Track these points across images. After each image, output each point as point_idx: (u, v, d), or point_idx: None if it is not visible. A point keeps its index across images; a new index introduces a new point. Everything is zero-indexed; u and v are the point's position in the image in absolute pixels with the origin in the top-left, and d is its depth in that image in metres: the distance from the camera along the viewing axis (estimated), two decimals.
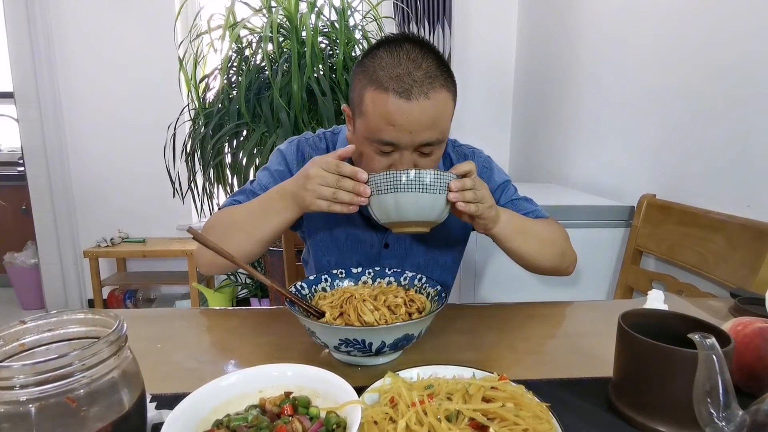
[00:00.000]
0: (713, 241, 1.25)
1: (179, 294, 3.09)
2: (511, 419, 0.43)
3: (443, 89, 0.73)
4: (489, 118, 2.90)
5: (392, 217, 0.70)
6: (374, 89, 0.71)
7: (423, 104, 0.70)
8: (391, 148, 0.73)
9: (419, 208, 0.68)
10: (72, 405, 0.35)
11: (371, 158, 0.76)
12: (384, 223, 0.73)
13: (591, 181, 1.99)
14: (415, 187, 0.67)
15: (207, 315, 0.86)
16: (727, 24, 1.29)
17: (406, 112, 0.70)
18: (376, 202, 0.70)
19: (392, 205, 0.68)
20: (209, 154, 1.98)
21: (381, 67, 0.71)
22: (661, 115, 1.55)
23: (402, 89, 0.69)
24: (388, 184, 0.67)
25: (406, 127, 0.71)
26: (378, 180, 0.68)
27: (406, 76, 0.70)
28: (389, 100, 0.70)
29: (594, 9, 1.99)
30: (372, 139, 0.74)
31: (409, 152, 0.74)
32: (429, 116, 0.71)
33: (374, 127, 0.72)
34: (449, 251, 0.98)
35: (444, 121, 0.75)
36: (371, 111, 0.72)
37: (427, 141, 0.73)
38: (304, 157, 0.91)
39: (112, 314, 0.41)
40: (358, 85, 0.75)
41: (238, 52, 2.08)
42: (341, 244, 0.93)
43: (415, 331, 0.61)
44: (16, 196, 2.98)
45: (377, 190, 0.68)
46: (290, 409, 0.44)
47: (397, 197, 0.67)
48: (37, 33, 2.58)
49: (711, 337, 0.42)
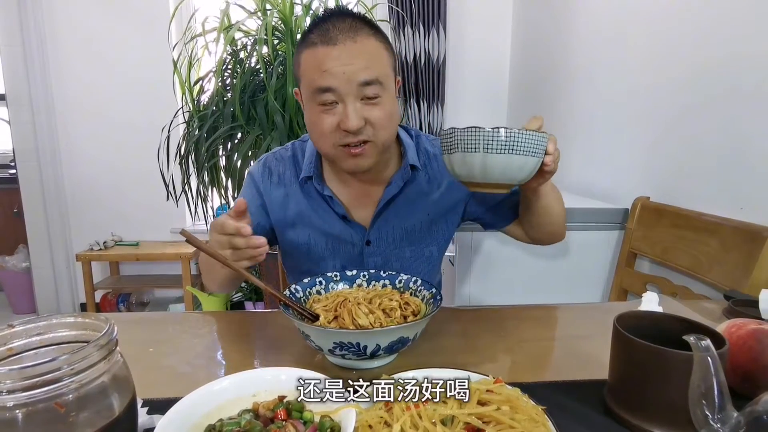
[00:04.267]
0: (707, 244, 1.26)
1: (173, 298, 3.07)
2: (506, 422, 0.42)
3: (371, 37, 0.75)
4: (484, 121, 2.90)
5: (476, 176, 0.63)
6: (306, 49, 0.75)
7: (350, 46, 0.72)
8: (331, 97, 0.73)
9: (509, 170, 0.61)
10: (60, 410, 0.34)
11: (318, 120, 0.76)
12: (462, 181, 0.66)
13: (585, 184, 2.00)
14: (508, 148, 0.59)
15: (200, 319, 0.85)
16: (719, 27, 1.30)
17: (334, 56, 0.72)
18: (459, 159, 0.62)
19: (479, 165, 0.61)
20: (203, 157, 1.97)
21: (311, 32, 0.75)
22: (655, 117, 1.56)
23: (327, 38, 0.72)
24: (477, 141, 0.59)
25: (338, 69, 0.72)
26: (465, 136, 0.60)
27: (332, 28, 0.73)
28: (318, 50, 0.73)
29: (588, 13, 2.00)
30: (313, 95, 0.75)
31: (353, 99, 0.73)
32: (359, 56, 0.72)
33: (311, 81, 0.74)
34: (434, 243, 0.95)
35: (379, 64, 0.75)
36: (305, 68, 0.75)
37: (365, 79, 0.72)
38: (271, 172, 0.92)
39: (102, 318, 0.41)
40: (296, 58, 0.78)
41: (232, 55, 2.07)
42: (321, 252, 0.91)
43: (410, 334, 0.60)
44: (8, 199, 2.95)
45: (464, 146, 0.61)
46: (284, 414, 0.44)
47: (486, 158, 0.60)
48: (29, 35, 2.56)
49: (706, 339, 0.42)
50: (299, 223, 0.91)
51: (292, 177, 0.91)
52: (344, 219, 0.89)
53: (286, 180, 0.91)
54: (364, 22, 0.75)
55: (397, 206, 0.90)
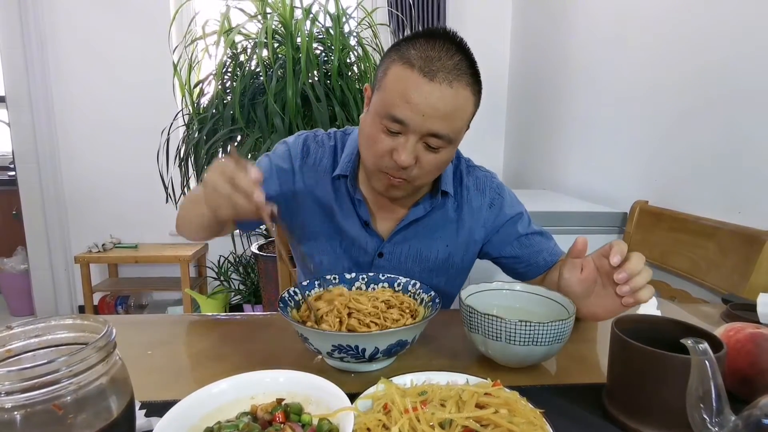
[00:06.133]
0: (705, 247, 1.26)
1: (171, 300, 3.07)
2: (504, 426, 0.42)
3: (468, 88, 0.71)
4: (483, 125, 2.91)
5: (497, 358, 0.64)
6: (401, 64, 0.70)
7: (444, 90, 0.68)
8: (399, 127, 0.71)
9: (531, 358, 0.61)
10: (59, 412, 0.34)
11: (376, 137, 0.74)
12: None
13: (584, 188, 2.00)
14: (531, 340, 0.58)
15: (198, 321, 0.85)
16: (718, 31, 1.31)
17: (424, 93, 0.68)
18: (480, 340, 0.63)
19: (500, 350, 0.61)
20: (203, 159, 1.97)
21: (414, 47, 0.70)
22: (654, 122, 1.57)
23: (428, 69, 0.68)
24: (499, 331, 0.59)
25: (420, 108, 0.68)
26: (487, 322, 0.60)
27: (436, 60, 0.68)
28: (412, 75, 0.68)
29: (587, 16, 2.01)
30: (383, 115, 0.71)
31: (416, 139, 0.72)
32: (446, 105, 0.69)
33: (389, 101, 0.70)
34: (443, 275, 0.94)
35: (459, 120, 0.72)
36: (391, 84, 0.71)
37: (437, 132, 0.70)
38: (308, 152, 0.90)
39: (100, 320, 0.41)
40: (386, 61, 0.74)
41: (232, 58, 2.08)
42: (335, 245, 0.91)
43: (408, 337, 0.60)
44: (7, 201, 2.94)
45: (484, 331, 0.61)
46: (282, 416, 0.44)
47: (507, 347, 0.60)
48: (30, 37, 2.56)
49: (704, 343, 0.42)
50: (320, 212, 0.89)
51: (327, 167, 0.89)
52: (366, 225, 0.89)
53: (321, 168, 0.89)
54: (469, 65, 0.71)
55: (418, 228, 0.90)
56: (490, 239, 0.94)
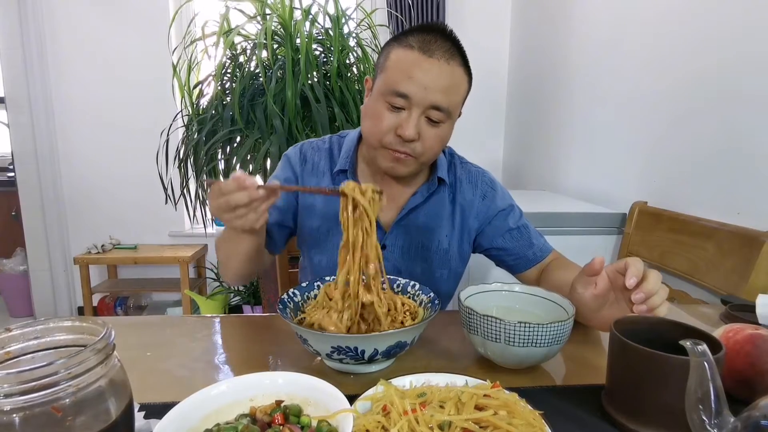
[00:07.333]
0: (704, 248, 1.26)
1: (171, 301, 3.06)
2: (504, 427, 0.42)
3: (462, 68, 0.79)
4: (482, 125, 2.92)
5: (496, 360, 0.64)
6: (401, 47, 0.78)
7: (442, 66, 0.76)
8: (402, 102, 0.76)
9: (530, 358, 0.61)
10: (57, 414, 0.34)
11: (381, 115, 0.79)
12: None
13: (583, 189, 2.00)
14: (531, 342, 0.58)
15: (198, 322, 0.85)
16: (717, 32, 1.31)
17: (425, 68, 0.75)
18: (479, 341, 0.63)
19: (499, 352, 0.62)
20: (202, 160, 1.97)
21: (411, 35, 0.78)
22: (653, 122, 1.57)
23: (426, 48, 0.76)
24: (498, 333, 0.60)
25: (423, 82, 0.75)
26: (485, 323, 0.60)
27: (433, 42, 0.76)
28: (413, 54, 0.76)
29: (586, 17, 2.01)
30: (387, 92, 0.77)
31: (418, 112, 0.77)
32: (445, 79, 0.76)
33: (392, 78, 0.77)
34: (446, 266, 0.95)
35: (456, 94, 0.79)
36: (393, 64, 0.78)
37: (438, 104, 0.76)
38: (306, 159, 0.95)
39: (99, 322, 0.41)
40: (386, 50, 0.81)
41: (232, 59, 2.08)
42: (335, 242, 0.91)
43: (407, 339, 0.60)
44: (6, 202, 2.94)
45: (484, 333, 0.61)
46: (281, 418, 0.44)
47: (507, 349, 0.60)
48: (29, 38, 2.56)
49: (702, 344, 0.42)
50: (324, 213, 0.92)
51: (325, 168, 0.94)
52: None
53: (320, 170, 0.94)
54: (460, 53, 0.79)
55: (419, 217, 0.92)
56: (483, 230, 0.97)
